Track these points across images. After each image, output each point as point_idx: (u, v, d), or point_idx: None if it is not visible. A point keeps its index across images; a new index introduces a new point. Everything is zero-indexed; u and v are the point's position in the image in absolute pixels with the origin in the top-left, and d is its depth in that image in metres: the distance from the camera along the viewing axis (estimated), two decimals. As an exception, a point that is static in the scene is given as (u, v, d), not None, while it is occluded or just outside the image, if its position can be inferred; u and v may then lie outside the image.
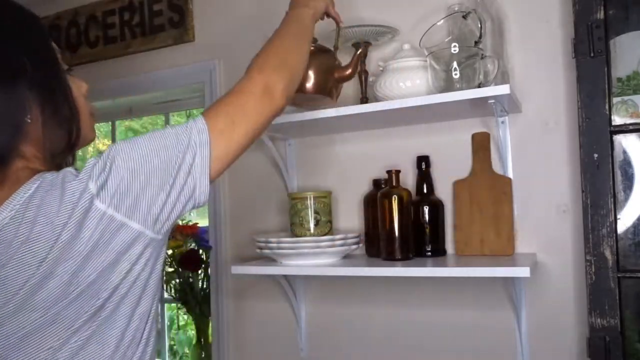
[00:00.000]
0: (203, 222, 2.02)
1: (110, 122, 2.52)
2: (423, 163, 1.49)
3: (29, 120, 0.75)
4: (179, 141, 0.76)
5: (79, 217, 0.69)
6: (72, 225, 0.68)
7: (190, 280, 1.99)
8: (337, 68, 1.36)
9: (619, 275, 1.20)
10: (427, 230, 1.44)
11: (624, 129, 1.24)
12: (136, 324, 0.76)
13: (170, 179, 0.74)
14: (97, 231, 0.69)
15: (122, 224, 0.71)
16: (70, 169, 0.74)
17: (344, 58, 1.64)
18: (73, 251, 0.68)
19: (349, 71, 1.34)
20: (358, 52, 1.35)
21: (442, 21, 1.38)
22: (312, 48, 1.23)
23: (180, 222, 1.99)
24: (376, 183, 1.55)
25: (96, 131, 0.93)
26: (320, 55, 1.35)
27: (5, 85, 0.73)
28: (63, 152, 0.81)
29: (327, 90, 1.35)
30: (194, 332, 2.29)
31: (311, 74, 1.32)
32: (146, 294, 0.77)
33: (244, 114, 0.84)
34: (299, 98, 1.35)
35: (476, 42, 1.31)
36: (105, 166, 0.72)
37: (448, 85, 1.30)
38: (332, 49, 1.38)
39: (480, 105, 1.31)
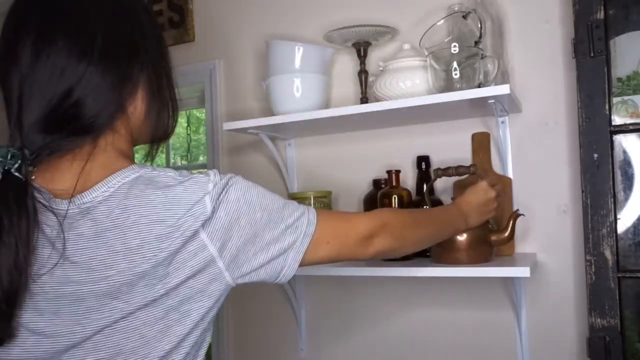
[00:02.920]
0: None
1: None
2: (423, 163, 1.49)
3: (130, 97, 0.78)
4: (289, 216, 0.80)
5: (185, 234, 0.69)
6: (176, 239, 0.69)
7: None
8: (493, 232, 1.29)
9: (619, 275, 1.20)
10: (427, 231, 1.44)
11: (624, 129, 1.24)
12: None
13: (267, 244, 0.77)
14: (192, 260, 0.71)
15: (212, 259, 0.72)
16: (170, 172, 0.74)
17: (345, 58, 1.65)
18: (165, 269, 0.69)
19: (506, 235, 1.27)
20: (513, 217, 1.28)
21: (442, 21, 1.38)
22: None
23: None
24: (376, 183, 1.55)
25: None
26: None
27: (120, 61, 0.76)
28: (154, 140, 0.84)
29: (483, 258, 1.28)
30: (194, 332, 2.29)
31: (466, 244, 1.26)
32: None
33: (341, 240, 0.88)
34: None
35: (476, 42, 1.31)
36: (226, 198, 0.73)
37: (448, 85, 1.30)
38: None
39: (480, 105, 1.31)
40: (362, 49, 1.52)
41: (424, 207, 1.42)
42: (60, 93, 0.70)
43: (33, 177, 0.69)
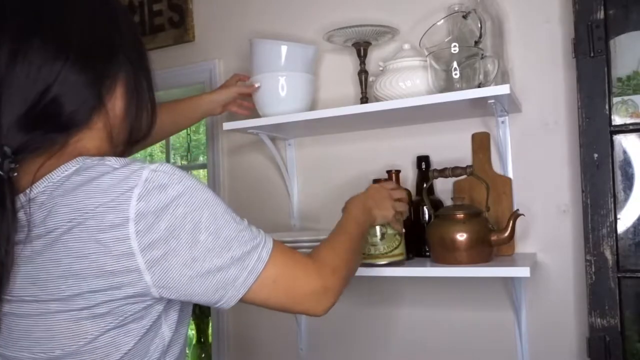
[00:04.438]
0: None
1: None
2: (423, 163, 1.49)
3: (108, 94, 0.78)
4: (239, 244, 0.75)
5: (104, 226, 0.67)
6: (95, 232, 0.67)
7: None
8: (493, 232, 1.28)
9: (619, 275, 1.20)
10: (427, 231, 1.43)
11: (624, 129, 1.24)
12: None
13: (204, 264, 0.72)
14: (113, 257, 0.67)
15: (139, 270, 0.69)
16: (110, 160, 0.72)
17: (345, 58, 1.65)
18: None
19: (506, 235, 1.26)
20: (513, 217, 1.27)
21: (442, 21, 1.38)
22: (462, 215, 1.28)
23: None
24: (376, 183, 1.55)
25: None
26: (473, 221, 1.28)
27: (97, 59, 0.76)
28: (132, 139, 0.83)
29: (483, 258, 1.28)
30: (194, 332, 2.29)
31: (466, 244, 1.25)
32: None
33: (293, 288, 0.83)
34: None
35: (476, 42, 1.31)
36: (164, 194, 0.69)
37: (448, 85, 1.30)
38: (483, 210, 1.32)
39: (480, 105, 1.31)
40: (362, 49, 1.52)
41: (424, 207, 1.42)
42: (37, 91, 0.71)
43: (15, 174, 0.70)
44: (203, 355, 2.20)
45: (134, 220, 0.67)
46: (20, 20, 0.73)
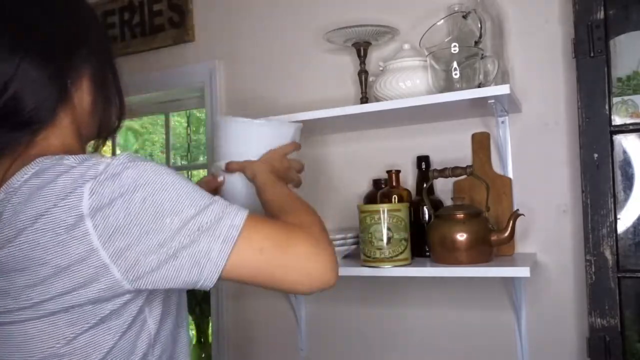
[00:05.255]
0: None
1: (110, 122, 2.51)
2: (423, 163, 1.49)
3: (74, 89, 0.76)
4: (205, 216, 0.68)
5: (60, 227, 0.64)
6: (50, 233, 0.64)
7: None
8: (493, 232, 1.28)
9: (619, 275, 1.20)
10: (427, 231, 1.44)
11: (624, 129, 1.24)
12: None
13: (172, 247, 0.66)
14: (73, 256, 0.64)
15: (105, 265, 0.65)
16: (68, 159, 0.68)
17: (345, 58, 1.65)
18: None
19: (506, 235, 1.27)
20: (513, 217, 1.28)
21: (442, 21, 1.38)
22: (462, 215, 1.27)
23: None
24: (376, 183, 1.55)
25: None
26: (473, 221, 1.28)
27: (59, 53, 0.75)
28: (100, 134, 0.82)
29: (483, 258, 1.28)
30: (194, 332, 2.29)
31: (466, 244, 1.26)
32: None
33: (285, 252, 0.72)
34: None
35: (476, 42, 1.31)
36: (117, 183, 0.65)
37: (448, 85, 1.30)
38: (483, 210, 1.32)
39: (480, 105, 1.31)
40: (362, 49, 1.52)
41: (424, 207, 1.42)
42: None
43: None
44: (203, 355, 2.20)
45: (89, 215, 0.63)
46: None
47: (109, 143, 0.88)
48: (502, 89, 1.21)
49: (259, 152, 1.11)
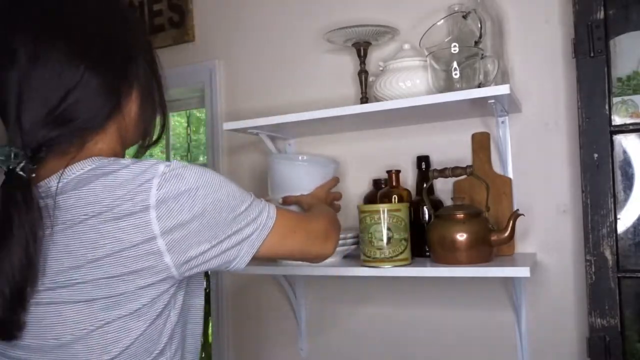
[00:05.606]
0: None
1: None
2: (423, 163, 1.49)
3: (125, 98, 0.80)
4: (250, 210, 0.80)
5: (122, 214, 0.69)
6: (116, 223, 0.69)
7: (190, 280, 1.98)
8: (493, 232, 1.28)
9: (619, 275, 1.20)
10: (427, 231, 1.43)
11: (624, 129, 1.24)
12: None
13: (223, 236, 0.76)
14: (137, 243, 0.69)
15: (159, 252, 0.71)
16: (125, 160, 0.74)
17: (345, 58, 1.65)
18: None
19: (506, 235, 1.27)
20: (513, 217, 1.28)
21: (442, 21, 1.38)
22: (462, 215, 1.29)
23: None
24: (376, 183, 1.55)
25: None
26: (473, 221, 1.29)
27: (116, 63, 0.78)
28: (144, 142, 0.86)
29: (483, 258, 1.28)
30: (194, 332, 2.29)
31: (466, 244, 1.26)
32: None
33: (301, 235, 0.90)
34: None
35: (476, 42, 1.31)
36: (182, 181, 0.72)
37: (448, 85, 1.30)
38: (483, 210, 1.33)
39: (480, 105, 1.31)
40: (362, 49, 1.52)
41: (424, 207, 1.42)
42: (58, 95, 0.72)
43: (33, 175, 0.71)
44: (203, 355, 2.20)
45: (155, 207, 0.69)
46: (42, 23, 0.74)
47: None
48: (502, 89, 1.21)
49: (308, 187, 1.34)
